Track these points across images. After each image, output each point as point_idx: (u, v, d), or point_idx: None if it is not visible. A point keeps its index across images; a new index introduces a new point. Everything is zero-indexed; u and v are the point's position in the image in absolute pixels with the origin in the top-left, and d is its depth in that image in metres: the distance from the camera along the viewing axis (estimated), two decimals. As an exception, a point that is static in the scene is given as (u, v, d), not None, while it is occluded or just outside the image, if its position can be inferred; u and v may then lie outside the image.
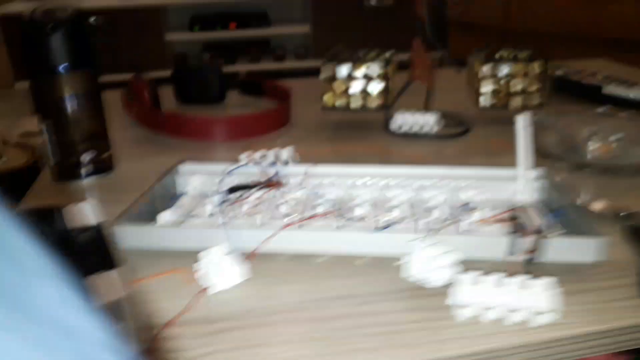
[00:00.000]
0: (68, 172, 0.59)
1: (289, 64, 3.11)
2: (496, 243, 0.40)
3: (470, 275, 0.37)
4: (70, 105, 0.56)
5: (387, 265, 0.43)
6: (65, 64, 0.55)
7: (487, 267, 0.41)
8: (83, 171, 0.59)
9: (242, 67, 3.01)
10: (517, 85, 0.72)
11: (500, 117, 0.80)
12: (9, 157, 0.66)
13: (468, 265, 0.41)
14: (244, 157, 0.59)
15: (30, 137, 0.79)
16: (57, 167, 0.59)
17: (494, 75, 0.72)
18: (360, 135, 0.74)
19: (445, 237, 0.40)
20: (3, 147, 0.69)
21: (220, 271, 0.40)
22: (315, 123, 0.81)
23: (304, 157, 0.62)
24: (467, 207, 0.46)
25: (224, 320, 0.37)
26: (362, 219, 0.44)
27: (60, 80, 0.55)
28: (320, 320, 0.36)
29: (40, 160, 0.67)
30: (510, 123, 0.79)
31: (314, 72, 0.84)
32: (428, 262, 0.38)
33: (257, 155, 0.59)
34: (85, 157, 0.58)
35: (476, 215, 0.45)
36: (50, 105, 0.56)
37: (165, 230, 0.43)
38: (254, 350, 0.34)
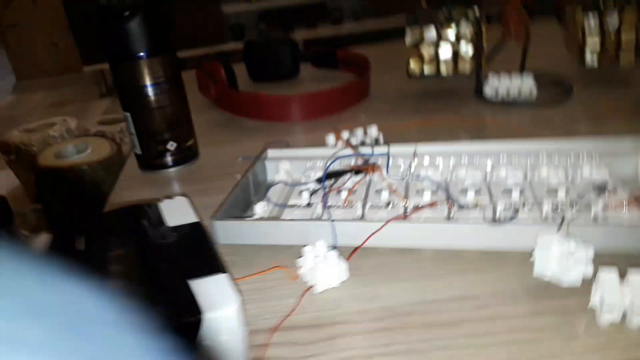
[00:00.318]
0: (153, 161, 0.58)
1: (348, 27, 3.02)
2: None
3: (615, 272, 0.32)
4: (152, 93, 0.54)
5: (506, 260, 0.38)
6: (145, 50, 0.53)
7: (633, 260, 0.36)
8: (168, 160, 0.57)
9: (299, 35, 2.95)
10: (630, 36, 0.64)
11: (605, 75, 0.72)
12: (93, 148, 0.66)
13: (608, 258, 0.36)
14: (331, 138, 0.56)
15: (109, 124, 0.79)
16: (142, 157, 0.58)
17: (600, 27, 0.64)
18: (448, 105, 0.69)
19: (581, 228, 0.35)
20: (86, 138, 0.69)
21: (326, 267, 0.37)
22: (396, 93, 0.76)
23: (389, 133, 0.58)
24: (597, 187, 0.40)
25: (335, 325, 0.34)
26: (476, 205, 0.40)
27: (141, 68, 0.54)
28: (437, 326, 0.33)
29: (123, 149, 0.67)
30: (618, 82, 0.71)
31: (375, 34, 0.77)
32: (561, 256, 0.33)
33: (345, 135, 0.55)
34: (170, 146, 0.57)
35: (610, 197, 0.39)
36: (132, 93, 0.55)
37: (266, 224, 0.40)
38: (371, 360, 0.31)
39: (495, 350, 0.31)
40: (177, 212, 0.41)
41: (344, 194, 0.44)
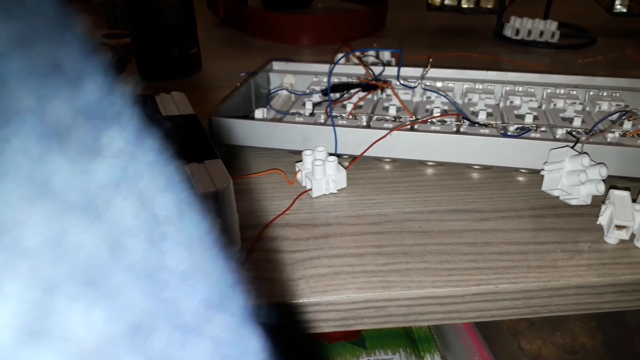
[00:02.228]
0: (153, 68, 0.55)
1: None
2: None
3: (627, 193, 0.31)
4: (158, -8, 0.52)
5: (514, 178, 0.37)
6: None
7: (643, 186, 0.35)
8: (169, 67, 0.55)
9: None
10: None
11: (631, 29, 0.69)
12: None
13: (620, 182, 0.35)
14: (340, 56, 0.53)
15: (113, 38, 0.76)
16: (142, 62, 0.56)
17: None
18: (465, 42, 0.66)
19: (596, 146, 0.34)
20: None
21: (325, 173, 0.35)
22: (414, 29, 0.73)
23: (404, 64, 0.55)
24: (615, 117, 0.38)
25: (329, 225, 0.33)
26: (487, 125, 0.38)
27: (148, -35, 0.51)
28: (435, 232, 0.32)
29: (124, 58, 0.64)
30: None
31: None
32: (573, 171, 0.31)
33: (357, 53, 0.53)
34: (172, 52, 0.54)
35: (628, 126, 0.37)
36: (137, -7, 0.52)
37: (267, 125, 0.38)
38: (360, 260, 0.30)
39: (494, 258, 0.29)
40: (172, 105, 0.39)
41: (349, 107, 0.42)
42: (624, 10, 0.61)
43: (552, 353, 0.45)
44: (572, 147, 0.32)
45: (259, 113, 0.42)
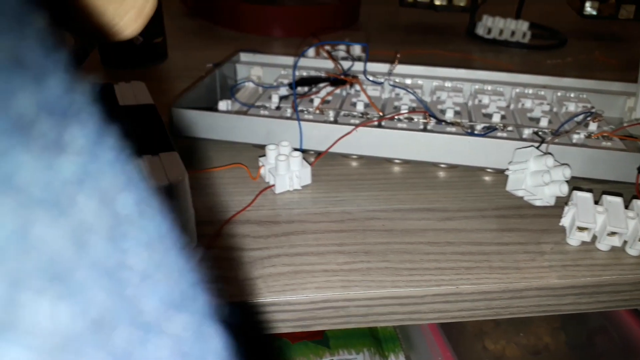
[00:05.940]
0: (116, 56, 0.53)
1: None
2: (625, 160, 0.33)
3: (590, 195, 0.31)
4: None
5: (479, 177, 0.36)
6: None
7: (607, 187, 0.35)
8: (133, 56, 0.53)
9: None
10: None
11: (601, 31, 0.70)
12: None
13: (584, 184, 0.35)
14: (310, 51, 0.52)
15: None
16: (104, 51, 0.54)
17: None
18: (438, 40, 0.66)
19: (560, 147, 0.33)
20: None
21: (288, 169, 0.34)
22: (386, 24, 0.72)
23: (372, 58, 0.55)
24: (580, 118, 0.38)
25: (291, 223, 0.32)
26: (454, 123, 0.37)
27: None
28: (398, 231, 0.31)
29: (87, 46, 0.62)
30: (613, 38, 0.69)
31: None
32: (537, 171, 0.31)
33: (327, 48, 0.52)
34: (137, 40, 0.52)
35: (593, 128, 0.37)
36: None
37: (229, 118, 0.37)
38: (321, 258, 0.29)
39: (456, 258, 0.29)
40: (131, 95, 0.38)
41: (317, 101, 0.41)
42: (594, 12, 0.62)
43: (516, 353, 0.45)
44: (537, 148, 0.32)
45: (223, 105, 0.41)
